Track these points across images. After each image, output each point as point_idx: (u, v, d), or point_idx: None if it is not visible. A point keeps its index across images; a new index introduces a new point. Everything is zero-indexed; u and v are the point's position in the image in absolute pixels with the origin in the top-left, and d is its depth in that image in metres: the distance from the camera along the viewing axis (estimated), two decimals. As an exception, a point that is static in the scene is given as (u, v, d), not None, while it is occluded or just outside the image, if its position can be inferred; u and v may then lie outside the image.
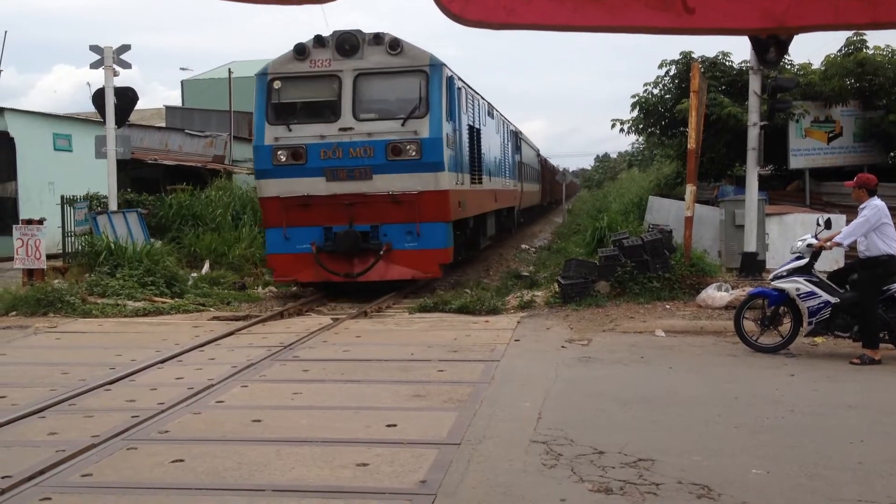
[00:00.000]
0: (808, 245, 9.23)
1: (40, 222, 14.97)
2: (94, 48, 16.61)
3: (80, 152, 22.81)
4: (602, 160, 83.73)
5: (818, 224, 9.49)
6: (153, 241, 16.75)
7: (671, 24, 2.25)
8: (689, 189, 13.72)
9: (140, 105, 19.04)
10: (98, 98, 16.83)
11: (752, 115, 13.95)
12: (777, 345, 9.32)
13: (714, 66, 20.81)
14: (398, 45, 13.82)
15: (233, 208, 21.45)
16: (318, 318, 12.37)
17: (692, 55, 20.97)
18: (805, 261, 9.22)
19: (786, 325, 9.43)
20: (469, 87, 17.24)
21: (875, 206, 8.73)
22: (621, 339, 10.25)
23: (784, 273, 9.34)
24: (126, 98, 17.07)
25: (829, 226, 9.46)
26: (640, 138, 26.39)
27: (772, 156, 19.97)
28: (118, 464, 5.65)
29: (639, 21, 2.27)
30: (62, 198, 18.40)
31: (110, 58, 16.52)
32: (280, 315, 12.62)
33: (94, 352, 10.07)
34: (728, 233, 15.42)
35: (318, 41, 13.95)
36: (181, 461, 5.62)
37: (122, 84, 17.01)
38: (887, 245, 8.67)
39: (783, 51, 13.95)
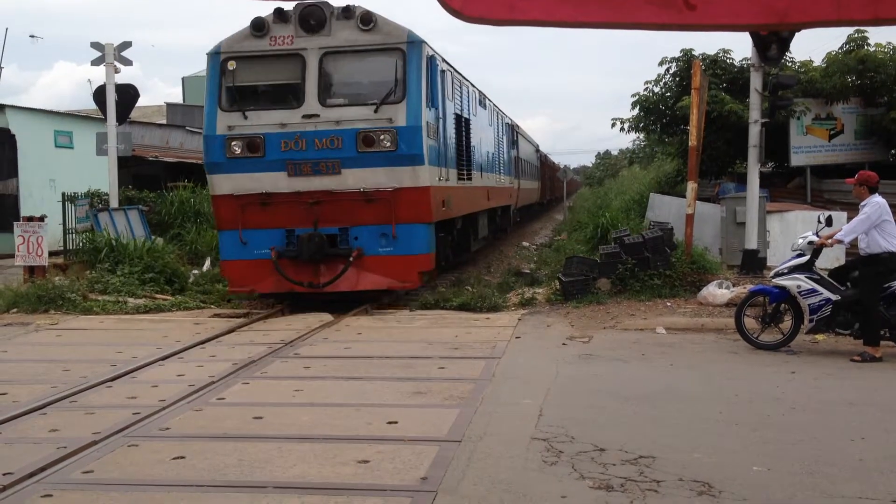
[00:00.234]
0: (810, 242, 9.22)
1: (41, 219, 14.98)
2: (95, 45, 16.62)
3: (82, 149, 22.83)
4: (603, 157, 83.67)
5: (819, 221, 9.48)
6: (154, 238, 16.76)
7: (672, 21, 2.24)
8: (691, 186, 13.71)
9: (141, 102, 19.06)
10: (99, 95, 16.85)
11: (754, 113, 13.94)
12: (778, 342, 9.32)
13: (715, 64, 20.80)
14: (371, 20, 12.15)
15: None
16: (319, 315, 12.37)
17: (693, 52, 20.96)
18: (806, 258, 9.22)
19: (787, 322, 9.43)
20: (456, 71, 15.61)
21: (876, 204, 8.73)
22: (622, 336, 10.25)
23: (785, 270, 9.34)
24: (127, 95, 17.10)
25: (830, 223, 9.46)
26: (641, 136, 26.33)
27: (773, 153, 19.96)
28: (119, 461, 5.66)
29: (640, 17, 2.27)
30: (63, 195, 18.43)
31: (111, 55, 16.53)
32: (281, 312, 12.63)
33: (95, 349, 10.08)
34: (729, 230, 15.42)
35: (279, 15, 12.22)
36: (182, 458, 5.63)
37: (123, 81, 17.05)
38: (888, 242, 8.66)
39: (785, 48, 13.93)
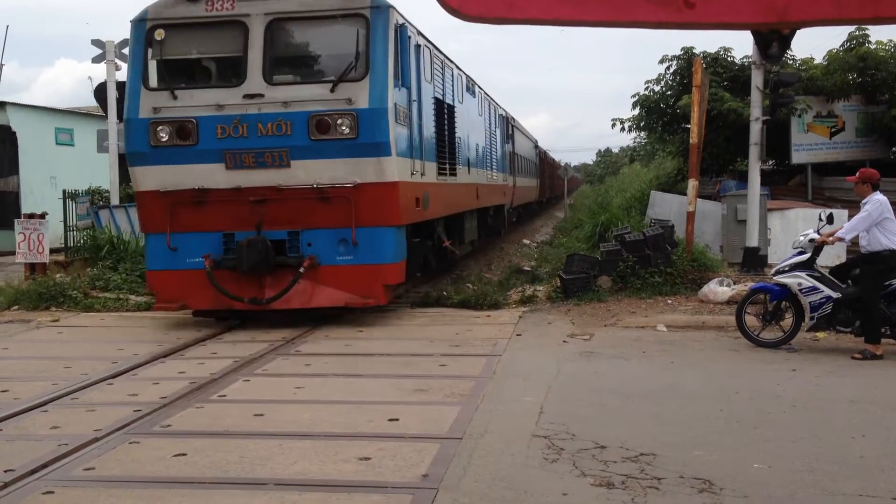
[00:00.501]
0: (811, 240, 9.23)
1: (42, 216, 14.99)
2: (96, 42, 16.63)
3: (82, 146, 22.86)
4: (604, 155, 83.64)
5: (820, 219, 9.48)
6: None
7: (672, 19, 2.25)
8: (692, 184, 13.71)
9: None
10: (100, 92, 16.84)
11: (755, 110, 13.94)
12: (779, 340, 9.33)
13: (716, 62, 20.75)
14: None
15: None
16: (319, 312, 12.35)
17: (694, 51, 20.93)
18: (807, 256, 9.22)
19: (787, 320, 9.43)
20: (437, 49, 13.70)
21: (877, 201, 8.73)
22: (623, 333, 10.25)
23: (786, 268, 9.34)
24: (128, 92, 17.06)
25: (831, 221, 9.46)
26: (643, 134, 26.30)
27: (774, 151, 19.95)
28: (121, 457, 5.67)
29: (639, 16, 2.27)
30: (64, 192, 18.44)
31: (112, 52, 16.53)
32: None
33: (96, 346, 10.09)
34: (730, 228, 15.43)
35: None
36: (184, 455, 5.63)
37: (124, 78, 17.03)
38: (889, 240, 8.66)
39: (786, 45, 13.93)
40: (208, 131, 10.30)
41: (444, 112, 13.93)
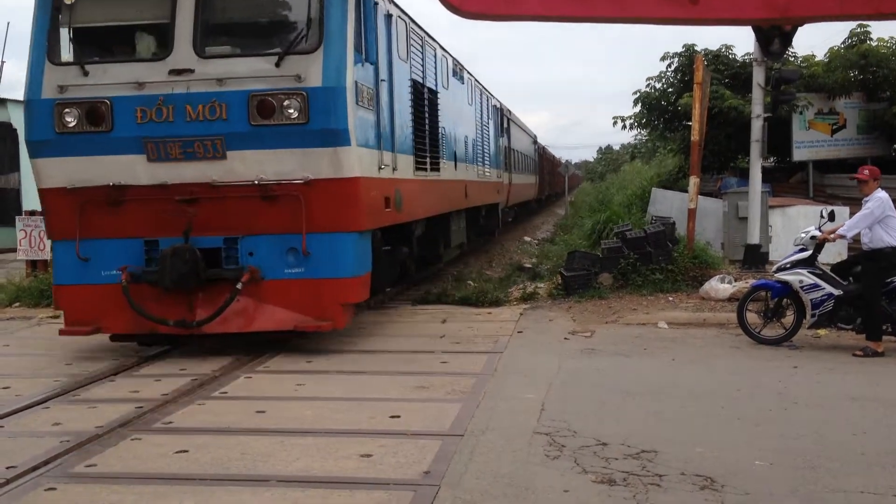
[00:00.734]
0: (812, 237, 9.22)
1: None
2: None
3: (83, 144, 22.82)
4: (605, 152, 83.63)
5: (822, 216, 9.48)
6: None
7: (675, 15, 2.24)
8: (693, 181, 13.70)
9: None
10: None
11: (756, 107, 13.93)
12: (780, 337, 9.33)
13: (717, 59, 20.76)
14: None
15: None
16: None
17: (695, 48, 20.92)
18: (808, 253, 9.22)
19: (789, 317, 9.43)
20: (415, 23, 11.85)
21: (879, 199, 8.73)
22: (624, 330, 10.25)
23: (787, 265, 9.34)
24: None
25: (832, 218, 9.46)
26: (644, 131, 26.29)
27: (775, 148, 19.95)
28: (122, 454, 5.67)
29: (642, 12, 2.27)
30: (65, 189, 18.39)
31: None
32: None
33: (97, 343, 10.09)
34: (731, 225, 15.42)
35: None
36: (185, 452, 5.64)
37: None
38: (892, 237, 8.66)
39: (787, 42, 13.89)
40: (125, 115, 8.49)
41: (425, 97, 12.13)
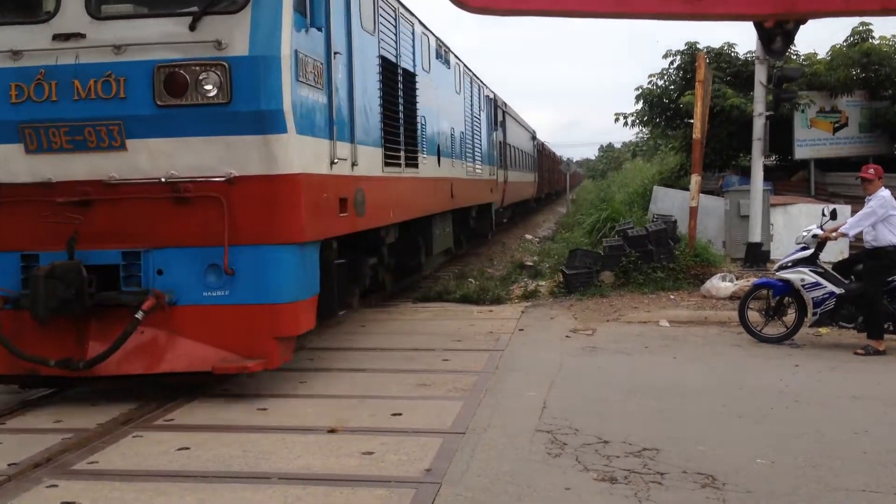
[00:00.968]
0: (814, 235, 9.22)
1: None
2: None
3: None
4: (606, 150, 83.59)
5: (823, 214, 9.47)
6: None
7: (679, 10, 2.24)
8: (694, 179, 13.70)
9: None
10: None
11: (758, 106, 13.92)
12: (781, 335, 9.32)
13: (719, 57, 20.73)
14: None
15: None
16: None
17: (697, 45, 20.89)
18: (810, 251, 9.21)
19: (790, 315, 9.42)
20: None
21: (882, 198, 8.72)
22: (625, 328, 10.25)
23: (789, 263, 9.33)
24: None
25: (834, 216, 9.46)
26: (645, 129, 26.27)
27: (777, 146, 19.92)
28: (124, 451, 5.67)
29: (646, 7, 2.26)
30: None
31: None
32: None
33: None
34: (733, 223, 15.41)
35: None
36: (187, 449, 5.64)
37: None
38: (894, 236, 8.65)
39: (789, 40, 13.87)
40: None
41: (398, 80, 10.24)
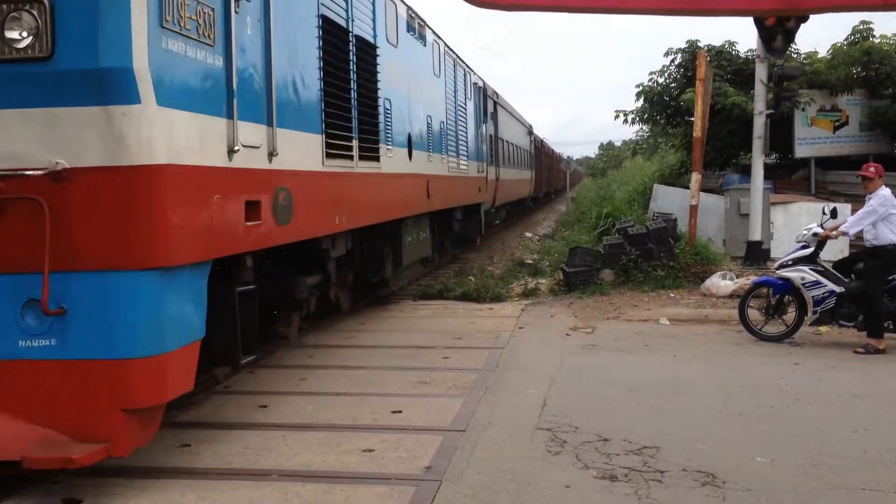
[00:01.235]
0: (814, 234, 9.21)
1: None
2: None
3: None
4: (606, 148, 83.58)
5: (824, 213, 9.47)
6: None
7: (682, 6, 2.24)
8: (695, 177, 13.70)
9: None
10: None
11: (758, 104, 13.91)
12: (781, 334, 9.32)
13: (720, 55, 20.73)
14: None
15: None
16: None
17: (698, 43, 20.89)
18: (810, 250, 9.21)
19: (790, 314, 9.42)
20: None
21: (882, 196, 8.71)
22: (626, 327, 10.25)
23: (789, 262, 9.33)
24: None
25: (834, 215, 9.46)
26: (645, 127, 26.27)
27: (777, 144, 19.92)
28: (124, 448, 5.66)
29: (649, 3, 2.26)
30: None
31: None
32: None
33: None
34: (733, 221, 15.42)
35: None
36: (188, 446, 5.64)
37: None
38: (895, 234, 8.65)
39: (790, 39, 13.90)
40: None
41: (351, 49, 8.30)
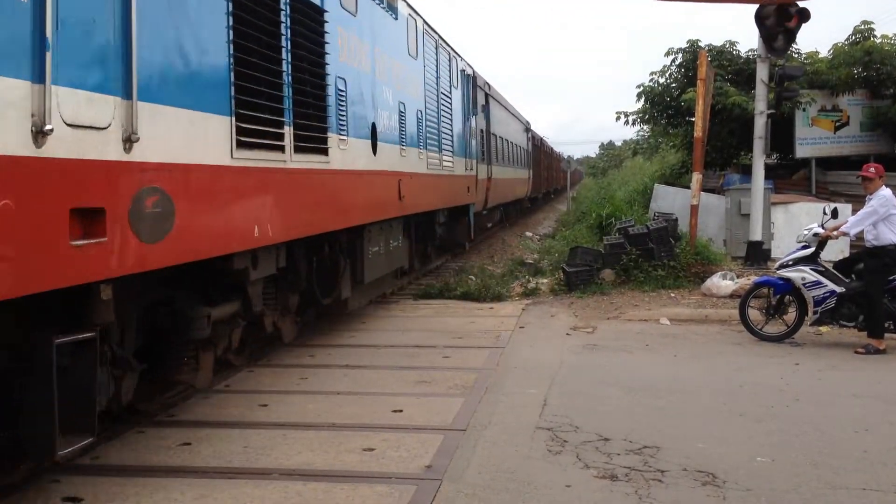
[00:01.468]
0: (815, 234, 9.22)
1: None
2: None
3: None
4: (607, 148, 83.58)
5: (824, 213, 9.48)
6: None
7: None
8: (695, 177, 13.70)
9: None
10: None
11: (759, 104, 13.92)
12: (782, 334, 9.33)
13: (721, 55, 20.72)
14: None
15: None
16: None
17: (699, 43, 20.88)
18: (811, 250, 9.22)
19: (791, 314, 9.44)
20: None
21: (883, 197, 8.72)
22: (626, 326, 10.26)
23: (790, 262, 9.34)
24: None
25: (835, 215, 9.47)
26: (646, 127, 26.25)
27: (778, 145, 19.92)
28: (126, 446, 5.68)
29: None
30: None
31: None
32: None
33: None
34: (733, 221, 15.42)
35: None
36: (188, 444, 5.65)
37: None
38: (895, 235, 8.66)
39: (791, 39, 13.91)
40: None
41: (284, 9, 6.79)
